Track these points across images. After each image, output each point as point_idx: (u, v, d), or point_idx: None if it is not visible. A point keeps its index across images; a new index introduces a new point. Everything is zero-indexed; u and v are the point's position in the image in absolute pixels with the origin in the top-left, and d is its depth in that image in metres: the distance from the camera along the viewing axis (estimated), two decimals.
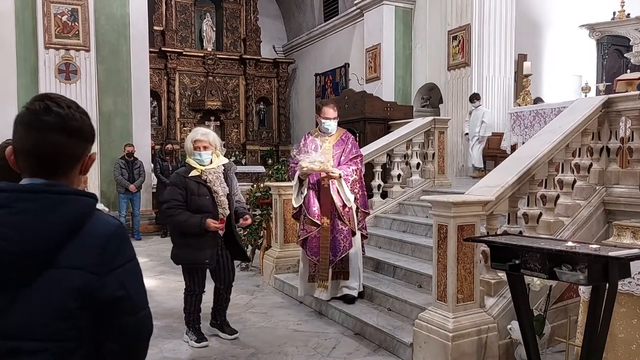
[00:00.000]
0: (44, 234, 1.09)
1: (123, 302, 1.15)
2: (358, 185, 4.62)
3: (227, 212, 3.88)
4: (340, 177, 4.45)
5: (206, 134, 3.92)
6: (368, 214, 4.90)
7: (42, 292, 1.09)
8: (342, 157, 4.62)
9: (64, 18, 8.77)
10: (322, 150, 4.52)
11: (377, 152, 6.30)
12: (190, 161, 3.88)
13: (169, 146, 10.65)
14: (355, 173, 4.57)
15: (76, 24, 8.84)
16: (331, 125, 4.69)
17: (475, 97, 8.90)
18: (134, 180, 8.89)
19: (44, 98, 1.16)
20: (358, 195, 4.61)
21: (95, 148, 9.70)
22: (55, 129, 1.13)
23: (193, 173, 3.83)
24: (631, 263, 2.35)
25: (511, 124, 6.81)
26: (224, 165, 3.98)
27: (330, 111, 4.67)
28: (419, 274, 4.58)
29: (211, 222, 3.73)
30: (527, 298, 2.89)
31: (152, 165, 9.68)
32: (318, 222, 4.52)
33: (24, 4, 8.72)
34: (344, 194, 4.47)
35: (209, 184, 3.80)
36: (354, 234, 4.58)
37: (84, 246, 1.12)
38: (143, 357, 1.28)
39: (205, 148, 3.85)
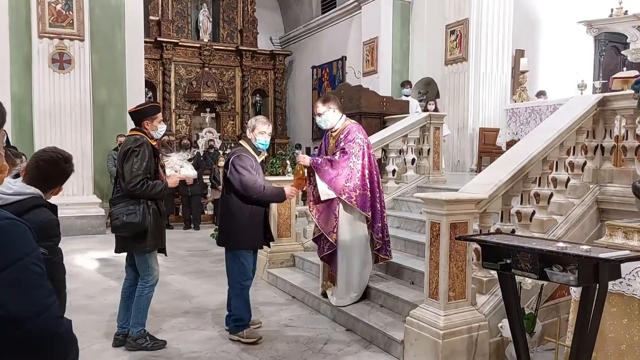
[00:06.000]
0: None
1: (2, 320, 0.97)
2: (343, 180, 4.14)
3: None
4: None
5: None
6: (367, 218, 4.29)
7: None
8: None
9: (58, 7, 8.68)
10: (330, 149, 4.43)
11: (372, 147, 6.25)
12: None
13: (165, 137, 10.58)
14: (328, 164, 4.16)
15: (70, 13, 8.75)
16: (321, 121, 4.38)
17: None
18: None
19: None
20: (348, 193, 4.13)
21: (88, 139, 9.49)
22: None
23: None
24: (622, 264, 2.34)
25: (507, 121, 6.81)
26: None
27: (319, 106, 4.37)
28: (411, 271, 4.57)
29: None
30: (517, 297, 2.88)
31: None
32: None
33: None
34: (319, 185, 4.18)
35: None
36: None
37: None
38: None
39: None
